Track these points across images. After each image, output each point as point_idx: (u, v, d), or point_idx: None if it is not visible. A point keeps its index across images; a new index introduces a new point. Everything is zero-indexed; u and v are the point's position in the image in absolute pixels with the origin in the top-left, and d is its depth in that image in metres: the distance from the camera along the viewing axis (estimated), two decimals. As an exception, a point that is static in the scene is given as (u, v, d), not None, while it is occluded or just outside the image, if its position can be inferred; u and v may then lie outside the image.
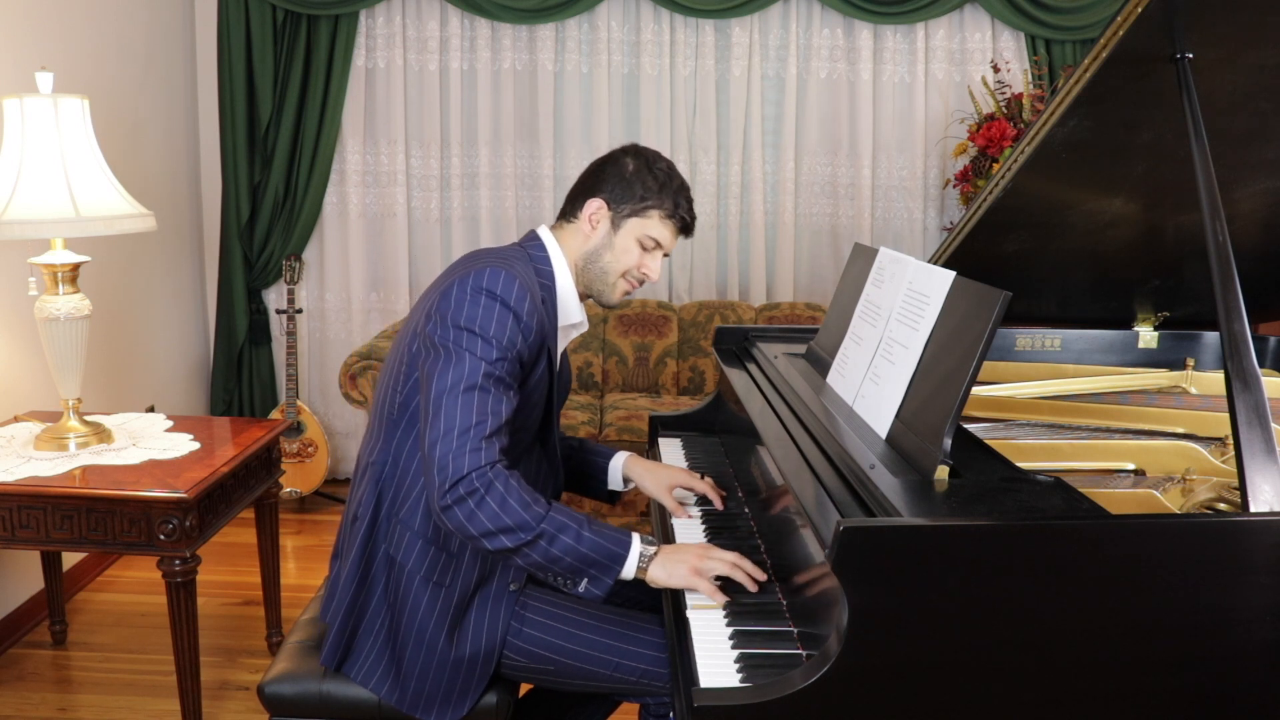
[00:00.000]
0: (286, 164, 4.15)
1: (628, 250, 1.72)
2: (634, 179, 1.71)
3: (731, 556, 1.54)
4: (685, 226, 1.75)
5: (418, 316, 1.66)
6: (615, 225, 1.72)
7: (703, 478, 1.93)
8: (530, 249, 1.73)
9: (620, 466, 1.98)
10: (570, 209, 1.75)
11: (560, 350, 1.78)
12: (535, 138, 4.24)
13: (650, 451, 2.39)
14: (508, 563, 1.64)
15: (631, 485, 2.00)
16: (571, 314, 1.75)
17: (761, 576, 1.54)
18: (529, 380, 1.66)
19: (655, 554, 1.55)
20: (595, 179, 1.73)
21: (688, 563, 1.53)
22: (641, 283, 1.77)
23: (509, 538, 1.49)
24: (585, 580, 1.55)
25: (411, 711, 1.65)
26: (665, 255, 1.77)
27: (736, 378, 2.16)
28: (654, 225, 1.72)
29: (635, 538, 1.56)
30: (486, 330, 1.54)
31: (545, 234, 1.75)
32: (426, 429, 1.52)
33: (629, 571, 1.54)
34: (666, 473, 1.94)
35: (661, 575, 1.54)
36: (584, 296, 1.78)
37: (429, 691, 1.64)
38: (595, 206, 1.72)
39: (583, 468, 2.02)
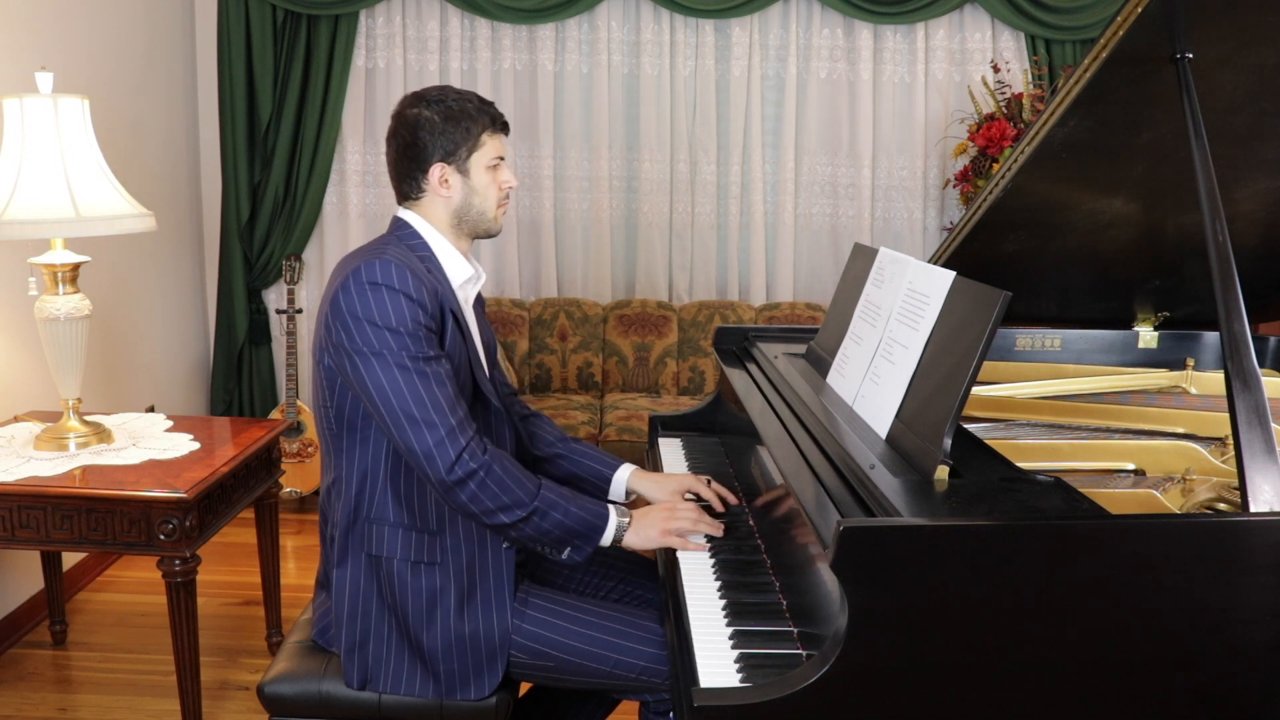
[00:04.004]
0: (286, 164, 4.15)
1: (487, 184, 1.76)
2: (446, 125, 1.71)
3: (694, 513, 1.75)
4: (504, 126, 1.78)
5: (318, 330, 1.67)
6: (464, 172, 1.74)
7: (709, 483, 1.90)
8: (399, 233, 1.75)
9: (625, 480, 1.95)
10: (410, 188, 1.75)
11: (470, 305, 1.80)
12: (535, 138, 4.24)
13: (650, 452, 2.39)
14: (503, 536, 1.68)
15: (634, 497, 1.98)
16: (462, 272, 1.77)
17: (718, 531, 1.74)
18: (443, 346, 1.67)
19: (629, 523, 1.71)
20: (415, 150, 1.72)
21: (657, 526, 1.72)
22: (508, 197, 1.82)
23: (507, 515, 1.61)
24: (569, 549, 1.68)
25: (450, 696, 1.66)
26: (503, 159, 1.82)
27: (736, 378, 2.16)
28: (489, 147, 1.75)
29: (611, 510, 1.71)
30: (387, 319, 1.58)
31: (406, 214, 1.77)
32: (391, 430, 1.58)
33: (607, 540, 1.70)
34: (675, 481, 1.92)
35: (637, 541, 1.72)
36: (472, 241, 1.81)
37: (459, 670, 1.65)
38: (439, 172, 1.73)
39: (581, 472, 2.00)
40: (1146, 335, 2.39)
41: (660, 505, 1.79)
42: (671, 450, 2.31)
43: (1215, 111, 1.62)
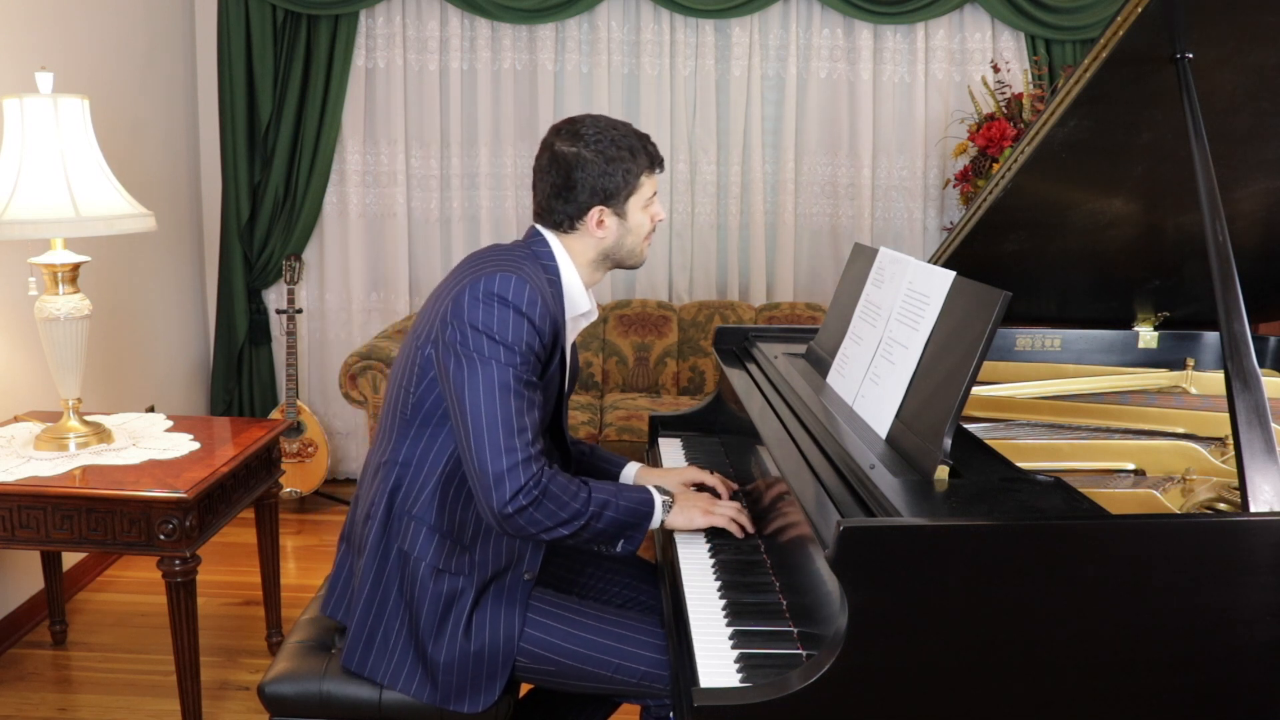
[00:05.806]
0: (286, 164, 4.15)
1: (641, 223, 1.76)
2: (609, 169, 1.69)
3: (735, 507, 1.79)
4: (661, 163, 1.77)
5: (430, 320, 1.66)
6: (621, 214, 1.74)
7: (712, 473, 1.94)
8: (535, 247, 1.75)
9: (632, 477, 1.98)
10: (561, 221, 1.73)
11: (570, 341, 1.80)
12: (535, 138, 4.23)
13: (650, 451, 2.40)
14: (559, 545, 1.70)
15: None
16: (579, 305, 1.77)
17: (751, 530, 1.76)
18: (544, 376, 1.68)
19: (672, 504, 1.76)
20: (571, 191, 1.70)
21: (699, 507, 1.78)
22: (655, 228, 1.81)
23: (566, 528, 1.62)
24: (622, 541, 1.71)
25: (444, 704, 1.65)
26: None
27: (736, 378, 2.16)
28: (646, 187, 1.75)
29: (654, 493, 1.73)
30: (505, 336, 1.57)
31: (547, 233, 1.76)
32: (469, 441, 1.56)
33: (655, 524, 1.74)
34: (678, 474, 1.95)
35: (681, 520, 1.76)
36: (606, 273, 1.82)
37: (458, 682, 1.65)
38: (597, 215, 1.72)
39: (592, 474, 2.01)
40: (1146, 335, 2.39)
41: (702, 494, 1.84)
42: (671, 450, 2.32)
43: (1215, 111, 1.62)
